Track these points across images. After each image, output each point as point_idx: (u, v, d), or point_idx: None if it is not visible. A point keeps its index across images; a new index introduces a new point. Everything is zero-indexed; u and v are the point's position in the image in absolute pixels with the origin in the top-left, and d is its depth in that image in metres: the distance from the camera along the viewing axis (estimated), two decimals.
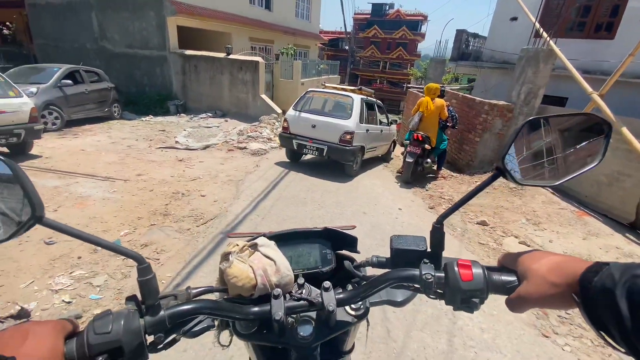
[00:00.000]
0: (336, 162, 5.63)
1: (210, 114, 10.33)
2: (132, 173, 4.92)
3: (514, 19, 10.21)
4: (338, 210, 4.10)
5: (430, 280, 0.51)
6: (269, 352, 0.65)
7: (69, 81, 7.59)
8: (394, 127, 7.43)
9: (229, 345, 0.62)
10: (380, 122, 6.64)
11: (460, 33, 11.97)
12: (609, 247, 3.39)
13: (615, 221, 3.91)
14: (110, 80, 9.37)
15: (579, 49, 8.19)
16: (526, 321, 2.41)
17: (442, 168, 6.18)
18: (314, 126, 5.39)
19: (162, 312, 0.48)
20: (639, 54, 4.30)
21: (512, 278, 0.49)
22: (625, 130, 3.70)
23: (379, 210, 4.23)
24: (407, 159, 5.32)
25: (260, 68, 9.98)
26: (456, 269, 0.50)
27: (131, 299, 0.49)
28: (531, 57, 5.26)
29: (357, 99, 5.51)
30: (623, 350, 0.33)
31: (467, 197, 0.56)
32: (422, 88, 14.44)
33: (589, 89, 4.32)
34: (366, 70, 37.69)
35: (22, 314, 2.10)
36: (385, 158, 7.40)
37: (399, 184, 5.59)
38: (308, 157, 5.67)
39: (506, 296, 0.48)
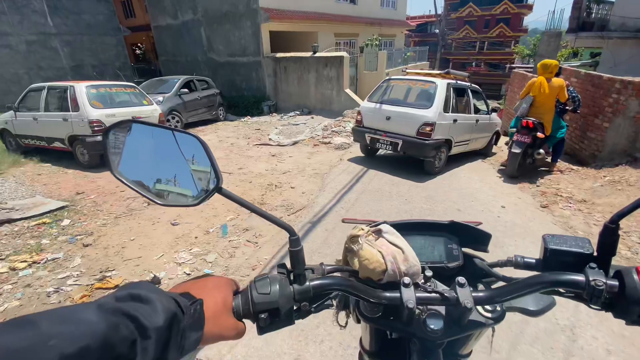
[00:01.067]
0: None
1: (297, 112, 10.91)
2: (234, 167, 5.56)
3: None
4: (427, 205, 3.88)
5: (600, 288, 0.45)
6: (385, 337, 0.64)
7: (186, 90, 8.97)
8: (495, 115, 6.25)
9: (345, 326, 0.63)
10: (478, 111, 5.81)
11: None
12: None
13: None
14: (216, 86, 10.72)
15: None
16: None
17: (559, 160, 5.24)
18: (388, 118, 4.90)
19: (307, 283, 0.50)
20: None
21: None
22: None
23: (477, 208, 3.84)
24: (513, 149, 4.62)
25: (345, 63, 10.05)
26: (637, 277, 0.43)
27: (282, 266, 0.53)
28: None
29: (441, 84, 4.80)
30: None
31: None
32: (530, 67, 12.47)
33: None
34: (459, 53, 34.41)
35: (155, 281, 2.59)
36: (485, 152, 6.36)
37: (502, 179, 4.96)
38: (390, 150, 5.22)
39: None
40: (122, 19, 16.57)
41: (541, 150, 4.73)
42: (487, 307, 0.56)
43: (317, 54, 10.81)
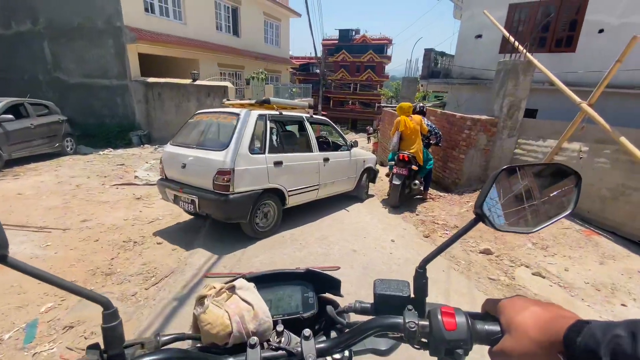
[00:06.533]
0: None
1: None
2: (75, 219, 4.14)
3: (479, 36, 10.50)
4: (323, 249, 3.50)
5: (413, 329, 0.49)
6: None
7: (10, 116, 6.72)
8: (360, 150, 5.46)
9: None
10: (338, 147, 5.16)
11: (428, 52, 12.18)
12: (631, 271, 3.01)
13: (625, 239, 3.58)
14: (65, 112, 8.63)
15: (542, 62, 8.39)
16: None
17: (429, 188, 5.80)
18: (184, 166, 3.58)
19: None
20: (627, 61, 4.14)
21: (496, 328, 0.45)
22: (624, 140, 3.45)
23: (370, 245, 3.69)
24: (394, 182, 4.87)
25: (230, 93, 9.51)
26: (440, 317, 0.47)
27: (93, 347, 0.47)
28: (510, 69, 5.10)
29: (246, 116, 3.56)
30: None
31: (449, 241, 0.55)
32: (395, 107, 14.57)
33: (577, 99, 4.12)
34: (338, 92, 38.32)
35: None
36: (357, 195, 5.49)
37: (387, 209, 5.11)
38: None
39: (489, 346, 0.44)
40: None
41: (417, 181, 5.13)
42: (335, 355, 0.59)
43: (198, 82, 9.97)
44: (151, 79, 10.06)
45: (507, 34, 5.64)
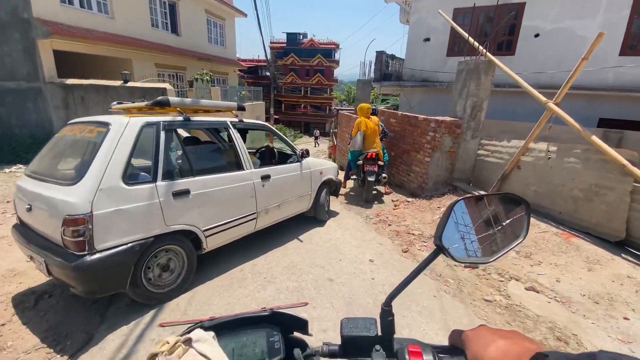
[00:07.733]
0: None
1: None
2: None
3: (427, 39, 10.70)
4: (293, 282, 2.88)
5: None
6: None
7: None
8: (314, 160, 4.31)
9: None
10: (287, 157, 4.20)
11: (380, 55, 12.16)
12: (620, 277, 2.88)
13: (601, 239, 3.52)
14: None
15: None
16: None
17: (394, 192, 6.02)
18: (29, 208, 2.37)
19: None
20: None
21: None
22: (595, 138, 3.40)
23: (348, 269, 3.17)
24: (369, 179, 5.23)
25: (169, 95, 8.42)
26: (407, 357, 0.47)
27: None
28: (471, 69, 4.98)
29: (120, 126, 2.36)
30: None
31: (412, 275, 0.56)
32: (351, 109, 14.36)
33: (543, 98, 4.06)
34: (289, 96, 37.80)
35: None
36: (316, 216, 4.46)
37: (357, 220, 4.67)
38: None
39: None
40: None
41: (385, 175, 5.57)
42: None
43: (131, 84, 8.72)
44: (71, 81, 8.56)
45: (465, 34, 5.56)
